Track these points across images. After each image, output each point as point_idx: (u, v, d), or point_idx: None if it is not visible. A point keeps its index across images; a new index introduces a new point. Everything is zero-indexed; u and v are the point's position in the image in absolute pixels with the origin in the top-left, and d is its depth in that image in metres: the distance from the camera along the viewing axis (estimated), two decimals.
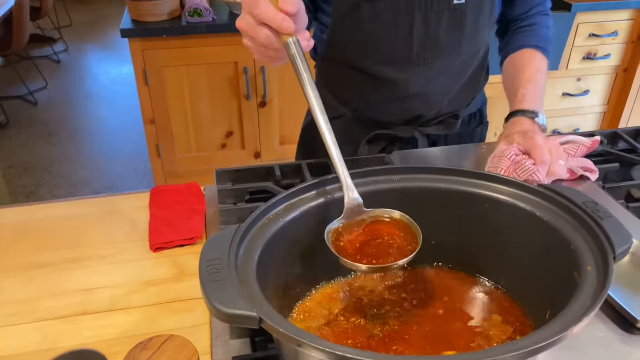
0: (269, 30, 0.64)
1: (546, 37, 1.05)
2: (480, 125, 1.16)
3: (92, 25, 5.84)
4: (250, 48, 0.69)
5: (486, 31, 1.01)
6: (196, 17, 1.81)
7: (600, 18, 2.17)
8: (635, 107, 2.37)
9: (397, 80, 0.98)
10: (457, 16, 0.92)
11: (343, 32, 0.90)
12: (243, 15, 0.66)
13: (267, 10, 0.62)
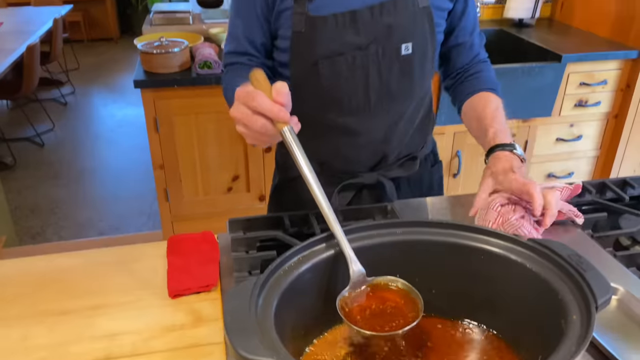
0: (264, 120, 0.71)
1: (493, 79, 1.13)
2: (435, 164, 1.26)
3: (99, 68, 6.01)
4: (243, 134, 0.76)
5: (430, 76, 1.10)
6: (206, 69, 1.91)
7: (589, 68, 2.28)
8: (627, 151, 2.45)
9: (359, 129, 1.06)
10: (406, 65, 1.01)
11: (303, 90, 0.97)
12: (236, 105, 0.73)
13: (263, 102, 0.70)
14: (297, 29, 0.97)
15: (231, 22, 1.06)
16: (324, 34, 0.97)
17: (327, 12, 0.96)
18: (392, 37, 0.98)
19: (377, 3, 0.96)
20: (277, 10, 0.99)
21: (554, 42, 2.36)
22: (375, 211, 1.05)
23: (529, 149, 2.41)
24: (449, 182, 2.41)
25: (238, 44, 1.04)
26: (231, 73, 1.05)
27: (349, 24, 0.96)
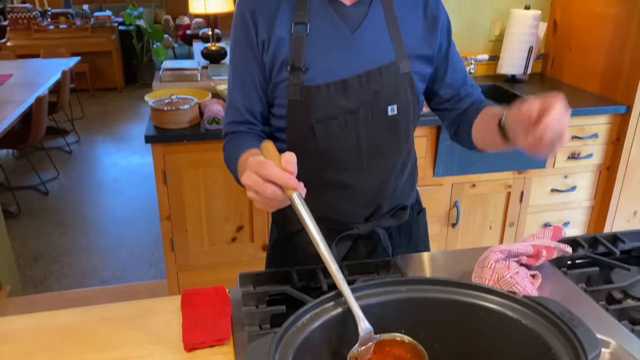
0: (274, 187, 0.77)
1: (487, 102, 1.19)
2: (420, 212, 1.33)
3: (104, 117, 6.14)
4: (254, 199, 0.82)
5: (413, 131, 1.18)
6: (214, 124, 1.99)
7: (581, 122, 2.37)
8: (620, 201, 2.52)
9: (353, 184, 1.13)
10: (392, 124, 1.10)
11: (300, 151, 1.00)
12: (248, 173, 0.80)
13: (274, 170, 0.77)
14: (293, 98, 1.06)
15: (230, 94, 1.14)
16: (318, 101, 1.06)
17: (320, 82, 1.05)
18: (379, 101, 1.07)
19: (364, 72, 1.05)
20: (274, 82, 1.08)
21: None
22: (380, 266, 1.10)
23: (525, 200, 2.48)
24: (448, 231, 2.46)
25: (238, 114, 1.12)
26: (232, 142, 1.12)
27: (340, 91, 1.05)
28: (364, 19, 1.06)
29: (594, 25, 2.52)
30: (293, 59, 1.04)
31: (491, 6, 2.75)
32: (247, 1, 1.07)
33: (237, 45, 1.09)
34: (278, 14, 1.05)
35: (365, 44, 1.06)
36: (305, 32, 1.04)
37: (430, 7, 1.12)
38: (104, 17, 6.93)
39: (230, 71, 1.14)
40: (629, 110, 2.34)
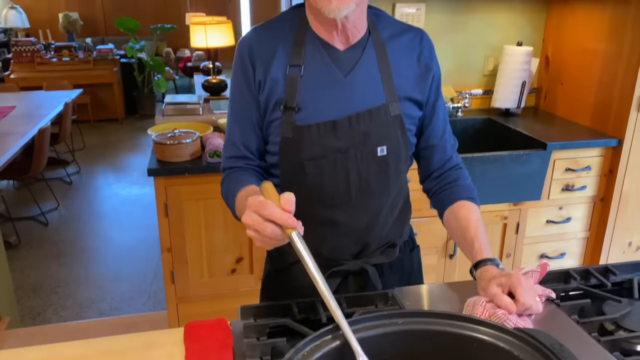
0: (274, 226, 0.81)
1: (470, 187, 1.25)
2: (414, 249, 1.35)
3: (104, 148, 6.21)
4: (253, 238, 0.85)
5: (405, 173, 1.22)
6: (215, 157, 2.04)
7: (573, 155, 2.43)
8: (615, 232, 2.55)
9: (343, 220, 1.16)
10: (382, 165, 1.13)
11: (291, 187, 1.01)
12: (248, 213, 0.84)
13: (274, 211, 0.81)
14: (285, 136, 1.11)
15: (229, 130, 1.19)
16: (308, 140, 1.10)
17: (311, 121, 1.09)
18: (368, 142, 1.11)
19: (354, 113, 1.09)
20: (268, 120, 1.13)
21: (539, 130, 2.53)
22: (377, 298, 1.13)
23: (520, 231, 2.51)
24: (446, 263, 2.48)
25: (236, 150, 1.16)
26: (230, 178, 1.16)
27: (331, 131, 1.09)
28: (356, 63, 1.11)
29: (585, 61, 2.60)
30: (286, 99, 1.09)
31: (484, 43, 2.83)
32: (246, 44, 1.12)
33: (236, 84, 1.14)
34: (275, 57, 1.10)
35: (356, 86, 1.10)
36: (300, 73, 1.09)
37: (424, 55, 1.17)
38: (107, 50, 7.06)
39: (229, 108, 1.19)
40: (620, 143, 2.40)
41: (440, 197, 1.26)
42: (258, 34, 1.14)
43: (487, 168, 2.28)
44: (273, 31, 1.13)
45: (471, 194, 1.23)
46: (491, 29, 2.82)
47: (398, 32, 1.16)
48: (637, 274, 1.26)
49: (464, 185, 1.24)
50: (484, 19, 2.79)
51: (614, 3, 2.38)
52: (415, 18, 2.66)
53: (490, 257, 1.09)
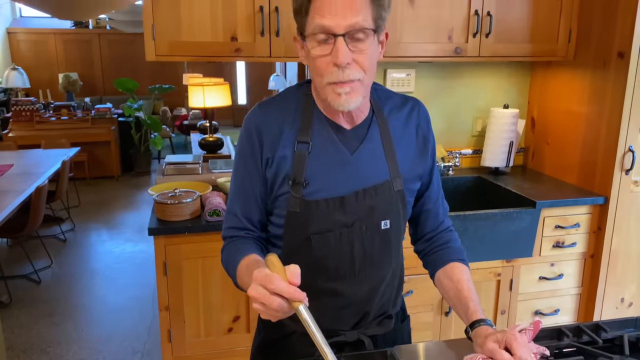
0: (281, 299, 0.84)
1: (460, 249, 1.30)
2: (405, 320, 1.39)
3: (99, 205, 6.23)
4: (259, 310, 0.88)
5: (402, 244, 1.27)
6: (215, 216, 2.09)
7: (562, 212, 2.50)
8: (607, 288, 2.59)
9: (344, 292, 1.19)
10: (385, 238, 1.18)
11: (295, 259, 1.03)
12: (254, 286, 0.86)
13: (280, 284, 0.83)
14: (292, 210, 1.13)
15: (231, 201, 1.21)
16: (316, 215, 1.13)
17: (319, 197, 1.13)
18: (373, 216, 1.16)
19: (361, 189, 1.14)
20: (275, 194, 1.16)
21: (528, 188, 2.61)
22: (377, 357, 1.16)
23: (514, 288, 2.54)
24: (442, 320, 2.49)
25: (237, 221, 1.19)
26: (230, 247, 1.19)
27: (338, 206, 1.13)
28: (362, 142, 1.16)
29: (569, 122, 2.72)
30: (295, 175, 1.12)
31: (472, 105, 2.96)
32: (254, 121, 1.16)
33: (241, 158, 1.18)
34: (282, 135, 1.14)
35: (362, 164, 1.15)
36: (308, 150, 1.13)
37: (421, 128, 1.23)
38: (105, 109, 7.22)
39: (232, 180, 1.21)
40: (606, 201, 2.48)
41: (432, 258, 1.30)
42: (264, 112, 1.17)
43: (479, 225, 2.34)
44: (279, 109, 1.17)
45: (462, 256, 1.28)
46: (478, 93, 2.96)
47: (397, 105, 1.23)
48: (627, 331, 1.29)
49: (455, 247, 1.30)
50: (471, 83, 2.93)
51: (593, 68, 2.52)
52: (406, 83, 2.79)
53: (484, 318, 1.13)
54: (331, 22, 0.99)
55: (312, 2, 1.01)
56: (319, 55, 1.03)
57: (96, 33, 10.06)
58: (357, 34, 1.01)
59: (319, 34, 1.01)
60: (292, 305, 0.84)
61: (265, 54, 2.27)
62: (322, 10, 1.00)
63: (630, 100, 2.34)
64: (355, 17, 0.99)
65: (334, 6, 0.99)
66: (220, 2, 2.19)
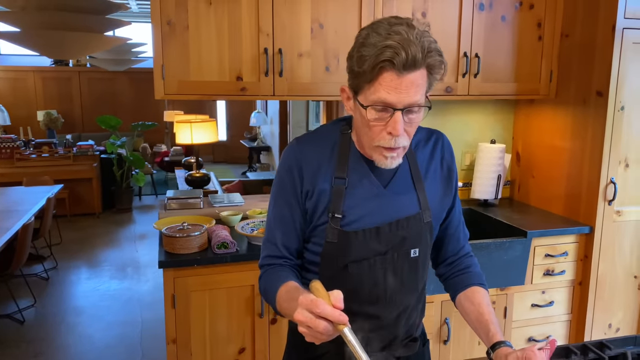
0: (326, 323, 0.91)
1: (480, 274, 1.40)
2: (426, 343, 1.46)
3: (81, 242, 6.16)
4: (305, 333, 0.94)
5: (427, 272, 1.36)
6: (223, 249, 2.14)
7: (551, 242, 2.62)
8: (595, 315, 2.70)
9: (376, 315, 1.27)
10: (413, 264, 1.28)
11: (331, 284, 1.06)
12: (300, 310, 0.93)
13: (325, 308, 0.91)
14: (330, 240, 1.22)
15: (270, 231, 1.29)
16: (354, 244, 1.22)
17: (356, 228, 1.21)
18: (404, 245, 1.25)
19: (395, 220, 1.23)
20: (314, 224, 1.24)
21: (517, 219, 2.74)
22: None
23: (508, 315, 2.63)
24: (440, 348, 2.56)
25: (276, 250, 1.27)
26: (269, 274, 1.26)
27: (374, 236, 1.22)
28: (393, 176, 1.26)
29: (553, 156, 2.87)
30: (333, 208, 1.21)
31: (461, 140, 3.11)
32: (294, 158, 1.25)
33: (281, 191, 1.27)
34: (321, 169, 1.23)
35: (394, 196, 1.25)
36: (344, 185, 1.22)
37: (445, 159, 1.34)
38: (87, 146, 7.21)
39: (272, 211, 1.30)
40: (592, 230, 2.61)
41: (453, 282, 1.40)
42: (303, 147, 1.26)
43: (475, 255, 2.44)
44: (316, 145, 1.27)
45: (482, 280, 1.38)
46: (466, 129, 3.11)
47: (423, 139, 1.34)
48: (629, 348, 1.39)
49: (476, 272, 1.40)
50: (459, 120, 3.08)
51: (574, 106, 2.70)
52: None
53: (504, 340, 1.22)
54: (394, 99, 1.08)
55: (379, 76, 1.07)
56: (375, 122, 1.12)
57: (76, 71, 10.10)
58: (413, 109, 1.11)
59: (380, 105, 1.09)
60: (336, 328, 0.91)
61: (269, 93, 2.37)
62: (388, 87, 1.07)
63: (610, 135, 2.51)
64: (415, 95, 1.08)
65: (398, 85, 1.07)
66: (227, 44, 2.30)
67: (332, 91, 2.45)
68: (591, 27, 2.56)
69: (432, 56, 1.08)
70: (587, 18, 2.58)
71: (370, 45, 1.07)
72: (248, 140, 10.05)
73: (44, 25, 4.13)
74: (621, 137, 2.54)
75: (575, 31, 2.66)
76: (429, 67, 1.09)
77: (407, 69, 1.06)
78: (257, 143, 9.57)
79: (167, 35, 2.22)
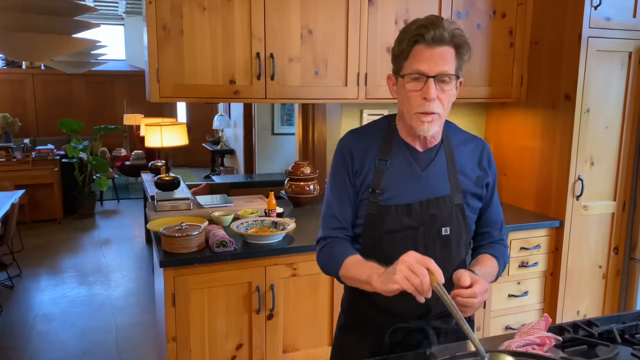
0: (426, 271, 1.14)
1: (504, 253, 1.54)
2: (470, 321, 1.61)
3: (43, 249, 5.99)
4: (401, 272, 1.15)
5: (465, 253, 1.50)
6: (222, 247, 2.19)
7: (525, 235, 2.81)
8: (565, 303, 2.90)
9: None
10: (445, 242, 1.42)
11: (370, 255, 1.31)
12: (409, 256, 1.16)
13: (432, 263, 1.15)
14: (370, 212, 1.40)
15: (328, 206, 1.46)
16: (388, 217, 1.39)
17: (391, 203, 1.39)
18: (435, 223, 1.40)
19: (425, 199, 1.40)
20: (359, 199, 1.43)
21: None
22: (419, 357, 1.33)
23: (488, 305, 2.79)
24: None
25: (337, 222, 1.44)
26: (333, 245, 1.43)
27: (405, 212, 1.39)
28: (431, 162, 1.42)
29: (524, 155, 3.07)
30: (374, 184, 1.40)
31: None
32: (347, 145, 1.45)
33: (337, 172, 1.45)
34: (369, 153, 1.42)
35: (429, 180, 1.41)
36: (386, 166, 1.41)
37: (483, 162, 1.48)
38: (47, 151, 7.02)
39: (330, 190, 1.47)
40: (562, 224, 2.81)
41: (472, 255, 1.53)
42: (355, 136, 1.47)
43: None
44: (366, 134, 1.46)
45: (499, 255, 1.50)
46: None
47: (464, 140, 1.49)
48: (614, 325, 1.55)
49: (498, 249, 1.52)
50: None
51: (543, 109, 2.90)
52: None
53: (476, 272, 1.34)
54: (426, 68, 1.28)
55: (412, 50, 1.29)
56: (412, 90, 1.31)
57: (29, 73, 9.79)
58: (444, 77, 1.29)
59: (415, 74, 1.29)
60: (433, 279, 1.13)
61: (261, 96, 2.44)
62: (421, 58, 1.28)
63: (577, 136, 2.72)
64: (444, 66, 1.28)
65: (429, 56, 1.28)
66: (220, 48, 2.36)
67: (321, 94, 2.55)
68: (559, 35, 2.76)
69: (459, 37, 1.29)
70: (555, 27, 2.78)
71: (406, 30, 1.31)
72: (211, 144, 10.00)
73: (11, 27, 4.03)
74: (587, 137, 2.75)
75: (544, 39, 2.86)
76: (456, 46, 1.29)
77: (436, 43, 1.27)
78: (220, 146, 9.54)
79: (162, 40, 2.26)
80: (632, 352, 1.38)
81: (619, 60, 2.75)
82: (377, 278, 1.23)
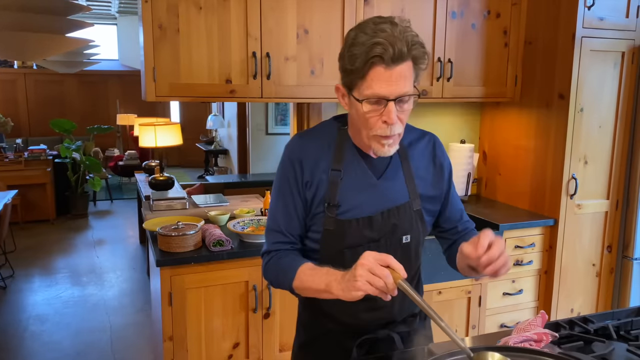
0: (388, 271, 1.09)
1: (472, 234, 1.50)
2: (426, 318, 1.56)
3: (36, 250, 5.96)
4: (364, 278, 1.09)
5: (421, 254, 1.47)
6: (218, 246, 2.19)
7: (520, 234, 2.82)
8: (559, 301, 2.92)
9: (374, 297, 1.29)
10: (406, 250, 1.39)
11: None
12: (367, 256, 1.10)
13: (393, 260, 1.11)
14: (327, 228, 1.33)
15: (274, 219, 1.38)
16: (348, 232, 1.32)
17: (350, 217, 1.32)
18: (396, 232, 1.36)
19: (386, 209, 1.34)
20: (312, 213, 1.35)
21: (488, 214, 2.92)
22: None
23: (482, 303, 2.81)
24: None
25: (282, 236, 1.36)
26: (281, 257, 1.35)
27: (367, 225, 1.33)
28: (386, 169, 1.36)
29: (518, 154, 3.09)
30: (330, 198, 1.32)
31: None
32: (296, 152, 1.36)
33: (284, 183, 1.36)
34: (319, 162, 1.33)
35: (386, 188, 1.35)
36: (340, 177, 1.33)
37: (437, 157, 1.45)
38: (39, 151, 6.98)
39: (274, 201, 1.38)
40: (556, 222, 2.83)
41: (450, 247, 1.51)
42: (303, 142, 1.38)
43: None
44: (315, 140, 1.37)
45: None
46: (437, 129, 3.23)
47: (416, 138, 1.45)
48: (609, 321, 1.56)
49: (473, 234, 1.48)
50: (431, 121, 3.25)
51: (538, 108, 2.92)
52: None
53: None
54: (386, 91, 1.19)
55: (370, 72, 1.18)
56: (371, 113, 1.22)
57: (21, 73, 9.73)
58: (404, 98, 1.22)
59: (374, 99, 1.20)
60: (395, 277, 1.08)
61: (257, 95, 2.44)
62: (379, 81, 1.18)
63: (571, 135, 2.74)
64: (404, 87, 1.20)
65: (389, 78, 1.18)
66: (216, 47, 2.36)
67: (316, 94, 2.56)
68: (553, 35, 2.78)
69: (416, 48, 1.19)
70: (549, 27, 2.80)
71: (359, 44, 1.17)
72: (204, 144, 9.97)
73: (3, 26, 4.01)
74: (581, 136, 2.77)
75: (538, 39, 2.88)
76: (414, 58, 1.20)
77: (395, 62, 1.17)
78: (214, 146, 9.51)
79: (159, 39, 2.26)
80: (627, 348, 1.40)
81: (612, 60, 2.77)
82: (337, 285, 1.17)
